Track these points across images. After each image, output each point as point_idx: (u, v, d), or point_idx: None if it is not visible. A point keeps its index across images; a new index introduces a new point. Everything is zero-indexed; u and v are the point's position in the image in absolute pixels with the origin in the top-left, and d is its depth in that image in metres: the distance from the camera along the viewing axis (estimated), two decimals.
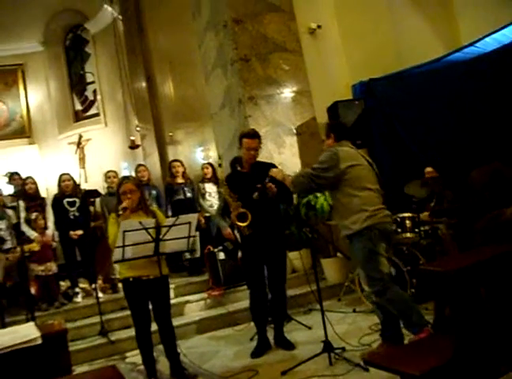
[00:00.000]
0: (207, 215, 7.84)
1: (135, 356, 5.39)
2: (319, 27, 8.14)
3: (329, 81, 8.04)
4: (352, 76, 7.97)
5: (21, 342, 3.29)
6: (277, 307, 5.33)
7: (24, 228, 6.92)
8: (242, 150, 5.13)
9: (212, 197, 7.99)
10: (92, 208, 7.47)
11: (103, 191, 7.93)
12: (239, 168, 5.33)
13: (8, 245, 7.11)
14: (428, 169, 6.70)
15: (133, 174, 8.23)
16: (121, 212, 4.59)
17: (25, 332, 3.43)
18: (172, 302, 4.98)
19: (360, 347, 4.77)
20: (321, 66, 8.08)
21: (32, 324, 3.80)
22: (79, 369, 4.88)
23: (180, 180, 7.97)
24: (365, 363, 2.80)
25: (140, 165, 8.31)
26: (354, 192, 4.37)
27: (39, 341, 3.32)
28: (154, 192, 7.75)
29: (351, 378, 4.12)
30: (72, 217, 7.28)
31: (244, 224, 5.00)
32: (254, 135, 5.16)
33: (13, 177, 7.83)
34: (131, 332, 5.38)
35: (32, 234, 6.95)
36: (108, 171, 7.79)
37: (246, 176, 5.16)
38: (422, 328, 4.10)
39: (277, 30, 7.97)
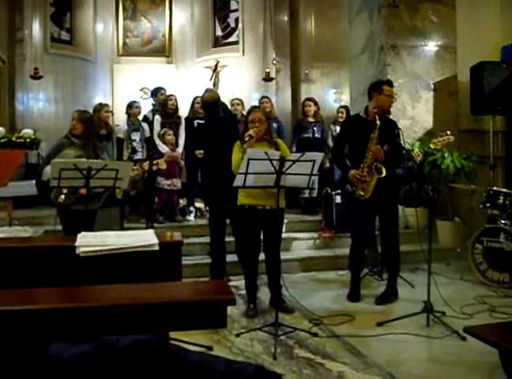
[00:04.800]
0: None
1: (238, 281, 5.66)
2: None
3: (478, 40, 7.61)
4: (504, 38, 7.52)
5: (141, 245, 3.56)
6: (389, 260, 5.36)
7: (157, 141, 7.25)
8: (381, 97, 5.12)
9: None
10: None
11: None
12: (362, 114, 5.31)
13: (138, 156, 7.52)
14: None
15: None
16: (247, 139, 4.69)
17: (145, 237, 3.69)
18: (282, 236, 5.07)
19: (461, 314, 4.71)
20: (473, 23, 7.65)
21: (151, 231, 4.07)
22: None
23: (311, 119, 8.00)
24: (465, 332, 2.77)
25: (264, 97, 8.39)
26: None
27: (157, 247, 3.57)
28: (275, 125, 7.82)
29: (446, 343, 4.11)
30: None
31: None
32: (392, 84, 5.26)
33: (159, 92, 8.05)
34: (236, 257, 5.72)
35: (164, 148, 7.28)
36: (233, 99, 7.89)
37: (371, 124, 5.10)
38: None
39: None
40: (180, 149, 7.51)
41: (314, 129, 7.94)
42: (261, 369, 3.21)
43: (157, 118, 7.33)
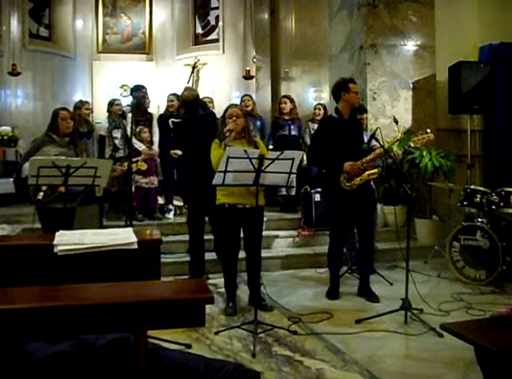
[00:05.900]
0: None
1: (217, 279, 5.68)
2: None
3: (457, 40, 7.70)
4: (482, 38, 7.60)
5: (119, 244, 3.53)
6: (362, 260, 5.43)
7: (133, 139, 7.19)
8: (350, 95, 5.19)
9: None
10: None
11: None
12: (335, 115, 5.34)
13: (120, 153, 7.46)
14: None
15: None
16: (227, 134, 4.70)
17: (124, 236, 3.67)
18: (262, 234, 5.08)
19: (438, 311, 4.76)
20: (451, 23, 7.72)
21: (130, 229, 4.04)
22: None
23: (287, 116, 7.99)
24: (442, 329, 2.81)
25: (245, 95, 8.36)
26: None
27: (135, 246, 3.55)
28: (258, 123, 7.84)
29: (423, 340, 4.15)
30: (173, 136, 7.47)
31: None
32: (355, 81, 5.40)
33: (140, 89, 7.94)
34: (215, 255, 5.78)
35: (141, 146, 7.20)
36: (204, 97, 7.83)
37: (347, 124, 5.21)
38: None
39: None
40: (156, 146, 7.45)
41: (291, 126, 7.92)
42: (240, 366, 3.22)
43: (130, 115, 7.22)
